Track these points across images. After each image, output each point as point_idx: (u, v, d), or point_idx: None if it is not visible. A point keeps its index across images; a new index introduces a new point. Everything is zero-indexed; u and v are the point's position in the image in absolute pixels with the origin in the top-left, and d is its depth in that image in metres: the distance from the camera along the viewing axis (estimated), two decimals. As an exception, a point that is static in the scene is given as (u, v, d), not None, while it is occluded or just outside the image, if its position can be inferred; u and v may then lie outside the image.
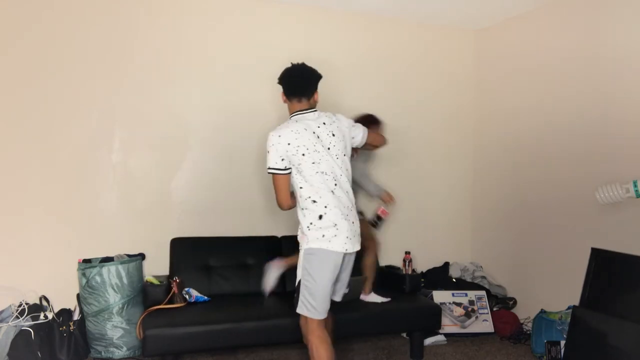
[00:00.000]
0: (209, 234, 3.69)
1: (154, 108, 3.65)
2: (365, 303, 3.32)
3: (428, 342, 3.61)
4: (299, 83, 2.55)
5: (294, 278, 3.75)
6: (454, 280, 4.17)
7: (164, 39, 3.67)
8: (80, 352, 3.20)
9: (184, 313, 3.03)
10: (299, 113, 2.55)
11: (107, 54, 3.53)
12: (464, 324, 3.83)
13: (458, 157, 4.62)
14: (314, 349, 2.50)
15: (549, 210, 3.81)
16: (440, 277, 4.23)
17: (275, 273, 3.31)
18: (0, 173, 3.30)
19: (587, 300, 3.11)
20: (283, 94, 2.60)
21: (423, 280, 4.04)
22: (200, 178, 3.77)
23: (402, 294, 3.54)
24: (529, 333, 3.66)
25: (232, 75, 3.83)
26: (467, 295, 3.95)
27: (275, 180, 2.53)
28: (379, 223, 3.42)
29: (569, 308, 3.37)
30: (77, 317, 3.28)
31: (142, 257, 3.48)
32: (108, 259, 3.31)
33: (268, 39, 3.92)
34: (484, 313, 3.91)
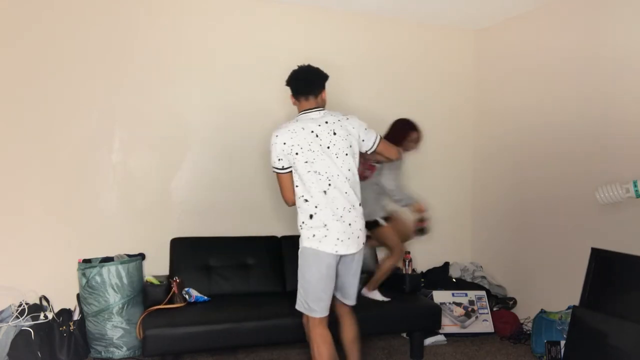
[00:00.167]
0: (209, 234, 3.69)
1: (154, 108, 3.65)
2: (366, 303, 3.32)
3: (428, 342, 3.61)
4: (303, 83, 2.61)
5: (295, 278, 3.75)
6: (454, 280, 4.17)
7: (164, 39, 3.67)
8: (80, 352, 3.20)
9: (184, 313, 3.03)
10: (303, 112, 2.60)
11: (107, 54, 3.53)
12: (464, 324, 3.83)
13: (458, 157, 4.61)
14: (315, 347, 2.54)
15: (549, 210, 3.81)
16: (440, 277, 4.23)
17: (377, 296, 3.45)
18: (0, 173, 3.30)
19: (587, 300, 3.11)
20: (292, 96, 2.66)
21: (423, 280, 4.04)
22: (200, 178, 3.77)
23: (402, 294, 3.54)
24: (529, 333, 3.66)
25: (232, 75, 3.83)
26: (467, 295, 3.95)
27: (277, 179, 2.61)
28: (424, 230, 3.43)
29: (569, 308, 3.37)
30: (77, 317, 3.28)
31: (142, 257, 3.48)
32: (108, 259, 3.31)
33: (268, 39, 3.92)
34: (484, 313, 3.91)
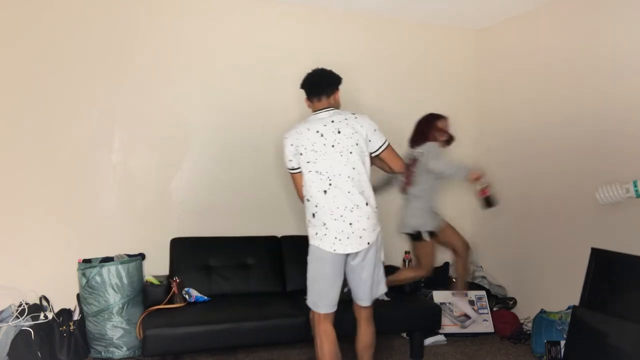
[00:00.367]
0: (209, 234, 3.69)
1: (154, 108, 3.65)
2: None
3: (428, 342, 3.61)
4: (314, 85, 2.68)
5: (295, 278, 3.75)
6: (454, 280, 4.16)
7: (164, 39, 3.67)
8: (80, 352, 3.20)
9: (184, 313, 3.03)
10: (313, 113, 2.66)
11: (107, 54, 3.53)
12: (464, 324, 3.83)
13: (458, 156, 4.60)
14: (318, 342, 2.60)
15: (549, 210, 3.81)
16: (440, 277, 4.23)
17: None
18: (0, 173, 3.30)
19: (587, 300, 3.11)
20: (306, 99, 2.72)
21: (423, 280, 4.04)
22: (200, 178, 3.77)
23: (402, 294, 3.53)
24: (529, 333, 3.66)
25: (232, 75, 3.83)
26: (467, 295, 3.95)
27: (291, 178, 2.72)
28: (490, 201, 3.19)
29: (569, 308, 3.37)
30: (77, 317, 3.28)
31: (142, 257, 3.48)
32: (108, 259, 3.31)
33: (268, 39, 3.92)
34: (484, 313, 3.91)
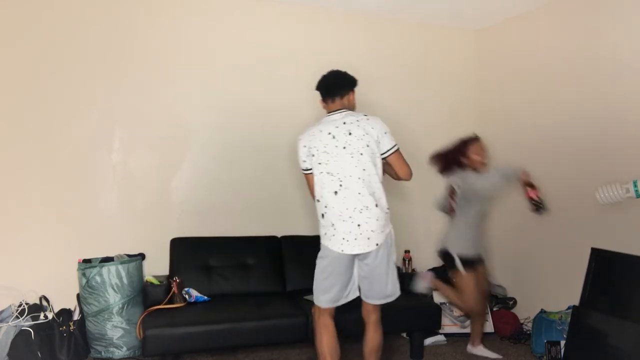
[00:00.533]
0: (209, 234, 3.69)
1: (154, 108, 3.65)
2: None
3: (428, 342, 3.61)
4: (327, 86, 2.71)
5: (295, 278, 3.75)
6: (454, 280, 4.16)
7: (164, 39, 3.66)
8: (80, 352, 3.20)
9: (184, 313, 3.03)
10: (327, 115, 2.68)
11: (107, 54, 3.53)
12: (464, 324, 3.83)
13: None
14: (317, 334, 2.66)
15: (549, 210, 3.81)
16: (440, 277, 4.22)
17: (422, 285, 3.59)
18: (0, 173, 3.30)
19: (587, 300, 3.10)
20: (321, 100, 2.74)
21: (423, 280, 4.04)
22: (200, 178, 3.77)
23: (402, 294, 3.52)
24: (529, 333, 3.66)
25: (232, 75, 3.83)
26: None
27: (305, 178, 2.76)
28: (540, 205, 3.09)
29: (569, 308, 3.37)
30: (77, 317, 3.28)
31: (142, 257, 3.47)
32: (108, 259, 3.31)
33: (268, 39, 3.92)
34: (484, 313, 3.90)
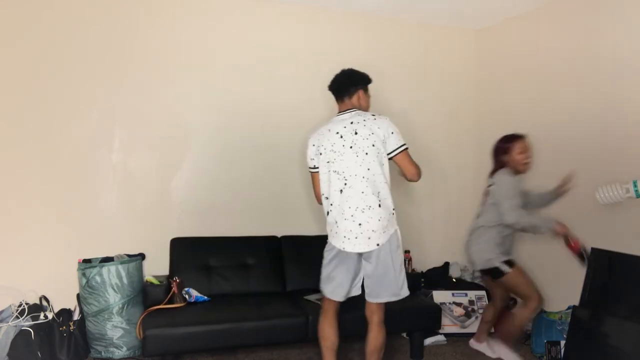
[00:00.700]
0: (209, 234, 3.69)
1: (154, 108, 3.65)
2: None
3: (428, 342, 3.60)
4: (336, 86, 2.72)
5: (295, 278, 3.75)
6: (454, 280, 4.17)
7: (164, 39, 3.66)
8: (80, 352, 3.20)
9: (184, 313, 3.03)
10: (336, 115, 2.70)
11: (107, 54, 3.53)
12: (464, 324, 3.83)
13: (458, 156, 4.61)
14: (320, 322, 2.73)
15: (549, 210, 3.80)
16: (440, 277, 4.23)
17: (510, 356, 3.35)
18: (0, 173, 3.30)
19: (587, 300, 3.10)
20: (335, 100, 2.78)
21: (423, 280, 4.04)
22: (200, 178, 3.77)
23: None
24: (529, 333, 3.65)
25: (232, 75, 3.83)
26: (467, 295, 3.94)
27: (311, 177, 2.79)
28: (583, 255, 3.07)
29: (569, 308, 3.37)
30: (77, 317, 3.28)
31: (142, 257, 3.48)
32: (108, 259, 3.31)
33: (268, 39, 3.92)
34: (484, 313, 3.90)
